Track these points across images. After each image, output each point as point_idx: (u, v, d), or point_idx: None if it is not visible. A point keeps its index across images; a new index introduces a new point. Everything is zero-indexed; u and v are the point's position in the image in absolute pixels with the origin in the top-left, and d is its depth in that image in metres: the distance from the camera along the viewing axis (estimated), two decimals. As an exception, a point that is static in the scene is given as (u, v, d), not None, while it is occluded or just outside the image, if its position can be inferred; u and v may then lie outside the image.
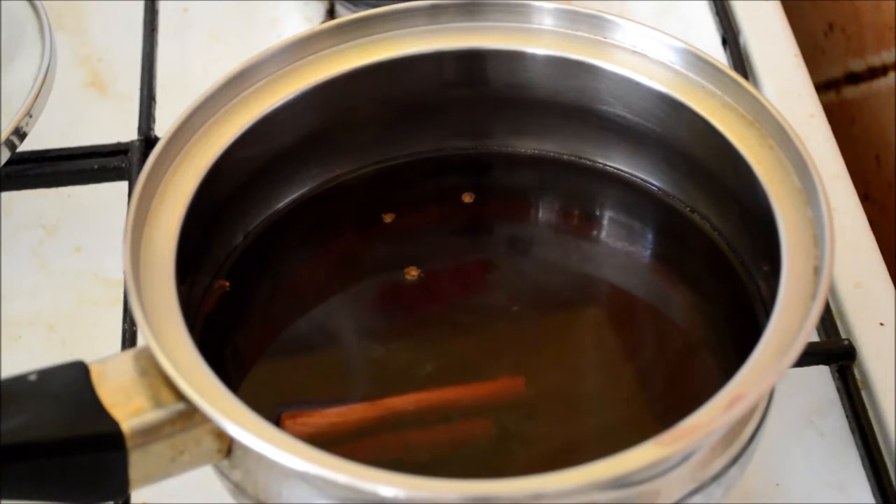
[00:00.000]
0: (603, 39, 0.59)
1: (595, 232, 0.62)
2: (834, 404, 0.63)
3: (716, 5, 0.79)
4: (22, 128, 0.65)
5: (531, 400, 0.55)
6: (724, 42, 0.77)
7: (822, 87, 0.88)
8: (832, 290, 0.66)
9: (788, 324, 0.50)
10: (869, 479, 0.60)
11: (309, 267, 0.60)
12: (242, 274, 0.58)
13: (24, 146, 0.67)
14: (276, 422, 0.53)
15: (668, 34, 0.58)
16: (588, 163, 0.62)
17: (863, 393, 0.62)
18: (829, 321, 0.64)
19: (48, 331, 0.66)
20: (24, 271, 0.69)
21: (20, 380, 0.49)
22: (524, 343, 0.57)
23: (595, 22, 0.59)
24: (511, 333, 0.58)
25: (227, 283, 0.57)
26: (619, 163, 0.62)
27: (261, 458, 0.48)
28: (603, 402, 0.56)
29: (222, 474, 0.52)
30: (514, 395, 0.55)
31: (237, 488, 0.51)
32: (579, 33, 0.60)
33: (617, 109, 0.60)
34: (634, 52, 0.59)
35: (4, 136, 0.64)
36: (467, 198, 0.59)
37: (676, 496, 0.49)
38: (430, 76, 0.61)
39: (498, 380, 0.55)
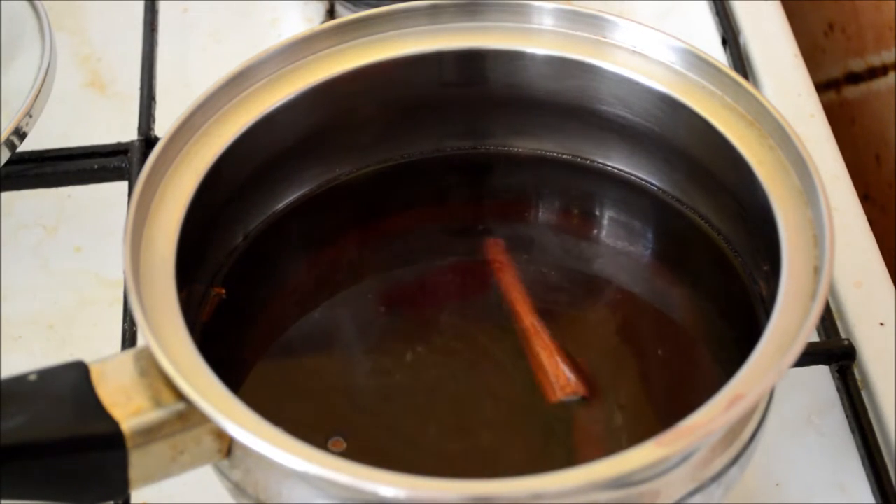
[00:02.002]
0: (603, 39, 0.59)
1: (595, 232, 0.62)
2: (834, 404, 0.63)
3: (716, 5, 0.79)
4: (22, 128, 0.65)
5: (528, 396, 0.55)
6: (724, 42, 0.77)
7: (822, 87, 0.88)
8: (832, 290, 0.66)
9: (788, 324, 0.50)
10: (869, 479, 0.60)
11: (309, 267, 0.60)
12: (242, 275, 0.58)
13: (24, 146, 0.67)
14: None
15: (668, 34, 0.58)
16: (588, 163, 0.62)
17: (863, 393, 0.62)
18: (829, 321, 0.64)
19: (48, 331, 0.66)
20: (24, 271, 0.69)
21: (20, 380, 0.49)
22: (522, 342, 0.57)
23: (595, 22, 0.59)
24: (511, 333, 0.58)
25: (224, 291, 0.57)
26: (618, 163, 0.62)
27: (261, 458, 0.48)
28: (603, 401, 0.56)
29: (222, 474, 0.52)
30: (503, 249, 0.57)
31: (237, 488, 0.51)
32: (579, 33, 0.60)
33: (617, 109, 0.60)
34: (634, 52, 0.59)
35: (4, 136, 0.64)
36: None
37: (676, 496, 0.49)
38: (430, 76, 0.61)
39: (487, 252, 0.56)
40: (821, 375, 0.64)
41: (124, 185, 0.70)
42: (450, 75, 0.61)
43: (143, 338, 0.49)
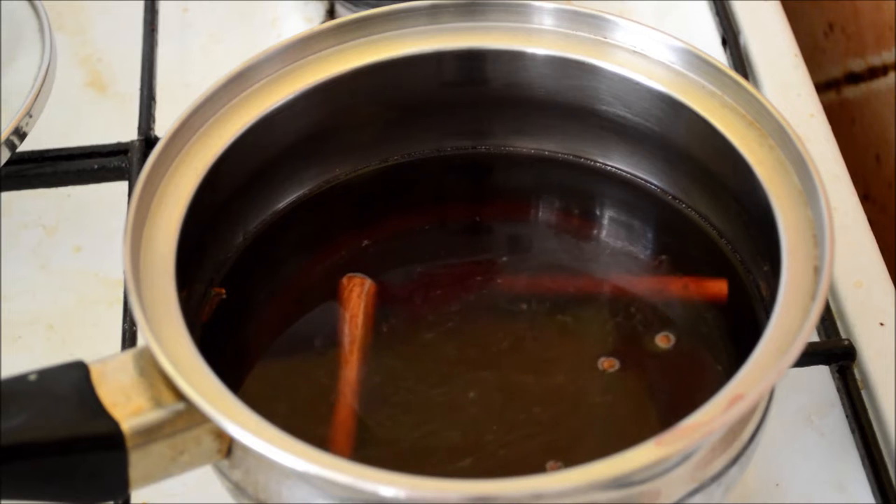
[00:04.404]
0: (603, 39, 0.59)
1: (595, 231, 0.62)
2: (834, 404, 0.63)
3: (716, 5, 0.79)
4: (22, 128, 0.65)
5: (531, 396, 0.55)
6: (724, 42, 0.77)
7: (822, 87, 0.88)
8: (832, 290, 0.66)
9: (788, 324, 0.50)
10: (869, 479, 0.60)
11: (309, 267, 0.60)
12: (242, 274, 0.58)
13: (24, 146, 0.67)
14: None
15: (668, 34, 0.58)
16: (588, 163, 0.62)
17: (863, 393, 0.62)
18: (829, 321, 0.64)
19: (48, 331, 0.66)
20: (24, 271, 0.69)
21: (20, 380, 0.49)
22: (524, 342, 0.57)
23: (595, 22, 0.59)
24: (511, 333, 0.58)
25: (224, 291, 0.57)
26: (619, 163, 0.62)
27: (261, 458, 0.48)
28: (603, 401, 0.56)
29: (222, 474, 0.52)
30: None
31: (237, 488, 0.52)
32: (579, 33, 0.60)
33: (617, 109, 0.60)
34: (634, 52, 0.59)
35: (4, 136, 0.64)
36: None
37: (676, 496, 0.49)
38: (430, 76, 0.61)
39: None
40: (821, 375, 0.64)
41: (124, 185, 0.70)
42: (450, 75, 0.61)
43: (143, 338, 0.49)
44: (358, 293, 0.56)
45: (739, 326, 0.56)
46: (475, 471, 0.53)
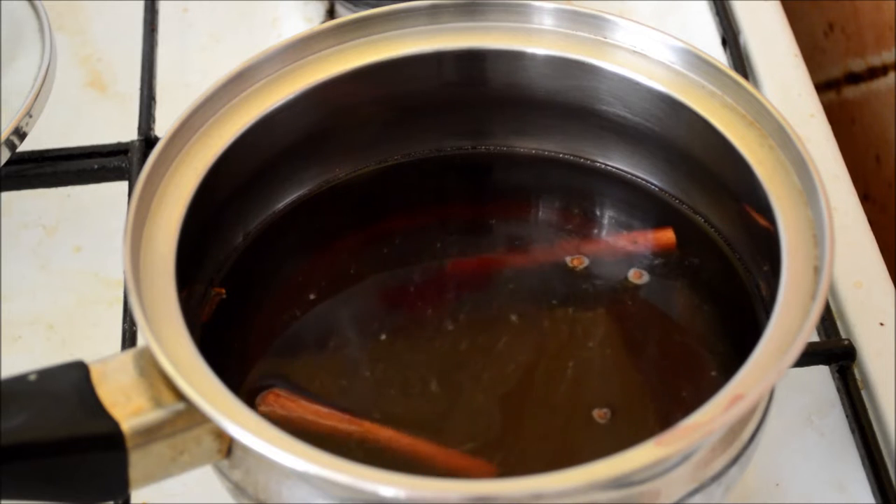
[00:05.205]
0: (603, 39, 0.59)
1: (595, 231, 0.62)
2: (834, 404, 0.63)
3: (716, 5, 0.79)
4: (22, 128, 0.65)
5: (530, 404, 0.55)
6: (724, 42, 0.77)
7: (822, 87, 0.88)
8: (832, 290, 0.66)
9: (788, 324, 0.50)
10: (869, 479, 0.60)
11: (309, 267, 0.60)
12: (242, 275, 0.58)
13: (24, 146, 0.67)
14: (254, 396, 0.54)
15: (668, 34, 0.58)
16: (588, 163, 0.62)
17: (863, 393, 0.62)
18: (829, 321, 0.64)
19: (48, 331, 0.66)
20: (24, 271, 0.69)
21: (20, 380, 0.49)
22: (524, 343, 0.57)
23: (595, 22, 0.59)
24: (511, 333, 0.58)
25: (224, 291, 0.57)
26: (618, 162, 0.62)
27: (261, 458, 0.48)
28: (603, 401, 0.56)
29: (222, 474, 0.52)
30: (482, 473, 0.53)
31: (237, 488, 0.52)
32: (579, 33, 0.60)
33: (617, 109, 0.60)
34: (634, 52, 0.59)
35: (4, 136, 0.64)
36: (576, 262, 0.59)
37: (676, 496, 0.49)
38: (430, 76, 0.61)
39: (468, 458, 0.53)
40: (821, 375, 0.64)
41: (124, 185, 0.70)
42: (450, 75, 0.61)
43: (143, 338, 0.49)
44: (289, 399, 0.55)
45: (739, 326, 0.56)
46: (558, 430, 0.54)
